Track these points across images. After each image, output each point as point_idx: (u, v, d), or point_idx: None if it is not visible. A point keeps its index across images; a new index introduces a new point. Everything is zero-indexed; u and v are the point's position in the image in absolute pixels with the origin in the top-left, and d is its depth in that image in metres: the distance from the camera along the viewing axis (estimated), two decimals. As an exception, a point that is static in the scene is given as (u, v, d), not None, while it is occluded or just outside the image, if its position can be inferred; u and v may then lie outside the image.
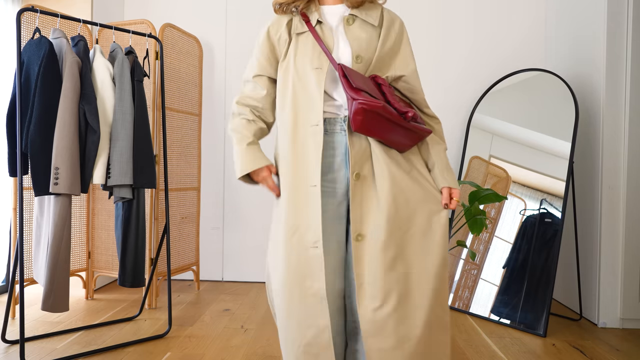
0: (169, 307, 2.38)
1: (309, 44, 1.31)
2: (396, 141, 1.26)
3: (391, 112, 1.19)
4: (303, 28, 1.33)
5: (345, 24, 1.32)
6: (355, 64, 1.29)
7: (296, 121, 1.29)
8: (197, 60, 3.26)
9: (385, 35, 1.34)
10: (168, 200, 2.40)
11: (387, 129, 1.21)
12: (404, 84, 1.36)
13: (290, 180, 1.28)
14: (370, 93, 1.21)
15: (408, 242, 1.24)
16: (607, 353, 2.22)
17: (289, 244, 1.27)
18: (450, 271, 2.98)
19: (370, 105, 1.15)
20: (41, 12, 2.05)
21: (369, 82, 1.27)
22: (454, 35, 3.38)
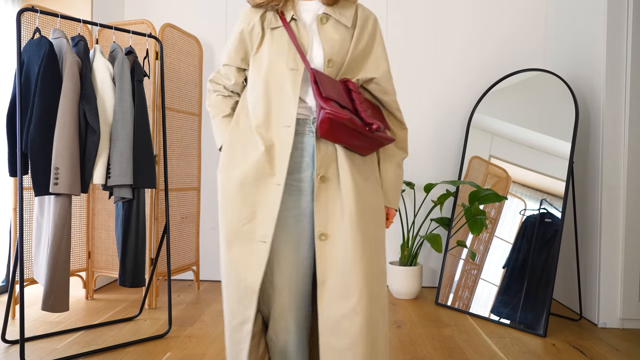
0: (169, 307, 2.38)
1: (284, 41, 1.30)
2: (359, 146, 1.30)
3: (356, 123, 1.22)
4: (277, 23, 1.32)
5: (318, 23, 1.31)
6: (327, 68, 1.29)
7: (268, 117, 1.31)
8: (197, 60, 3.26)
9: (358, 36, 1.33)
10: (168, 200, 2.40)
11: (351, 137, 1.25)
12: (376, 86, 1.37)
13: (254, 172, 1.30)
14: (339, 102, 1.23)
15: (367, 245, 1.28)
16: (607, 353, 2.22)
17: (239, 232, 1.30)
18: (450, 271, 2.98)
19: (336, 116, 1.18)
20: (41, 12, 2.05)
21: (340, 87, 1.28)
22: (454, 35, 3.38)
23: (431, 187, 3.04)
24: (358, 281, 1.24)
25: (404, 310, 2.84)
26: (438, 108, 3.41)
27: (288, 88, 1.28)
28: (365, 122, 1.25)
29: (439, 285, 2.99)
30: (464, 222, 2.95)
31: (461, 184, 2.93)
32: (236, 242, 1.31)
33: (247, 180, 1.30)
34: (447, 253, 3.01)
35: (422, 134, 3.41)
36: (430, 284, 3.39)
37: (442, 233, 3.27)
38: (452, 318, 2.70)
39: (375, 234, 1.32)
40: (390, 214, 1.43)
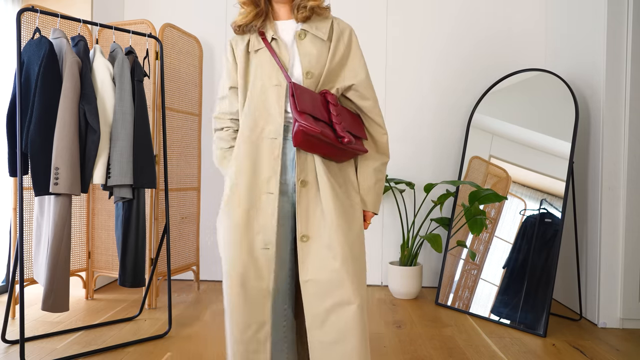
0: (169, 307, 2.38)
1: (267, 60, 1.39)
2: (335, 156, 1.38)
3: (328, 136, 1.30)
4: (260, 45, 1.40)
5: (297, 39, 1.39)
6: (306, 80, 1.37)
7: (254, 130, 1.38)
8: (197, 60, 3.26)
9: (334, 48, 1.40)
10: (168, 200, 2.40)
11: (324, 148, 1.33)
12: (354, 92, 1.42)
13: (245, 184, 1.36)
14: (313, 114, 1.30)
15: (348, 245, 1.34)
16: (607, 353, 2.22)
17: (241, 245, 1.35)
18: (450, 271, 2.98)
19: (308, 129, 1.26)
20: (41, 12, 2.05)
21: (318, 99, 1.35)
22: (454, 35, 3.38)
23: (431, 187, 3.04)
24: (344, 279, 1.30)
25: (404, 310, 2.84)
26: (438, 108, 3.41)
27: (273, 103, 1.36)
28: (338, 135, 1.32)
29: (439, 285, 2.99)
30: (464, 222, 2.95)
31: (461, 184, 2.93)
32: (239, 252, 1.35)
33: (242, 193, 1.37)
34: (447, 253, 3.01)
35: (422, 134, 3.41)
36: (430, 284, 3.39)
37: (442, 233, 3.27)
38: (452, 318, 2.70)
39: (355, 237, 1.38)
40: (367, 216, 1.48)
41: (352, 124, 1.41)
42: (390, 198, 3.38)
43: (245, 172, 1.37)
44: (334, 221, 1.32)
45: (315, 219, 1.35)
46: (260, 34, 1.41)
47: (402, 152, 3.36)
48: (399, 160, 3.35)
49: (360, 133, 1.43)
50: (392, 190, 3.23)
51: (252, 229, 1.35)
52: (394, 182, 3.18)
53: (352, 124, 1.41)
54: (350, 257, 1.33)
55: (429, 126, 3.40)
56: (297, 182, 1.35)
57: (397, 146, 3.26)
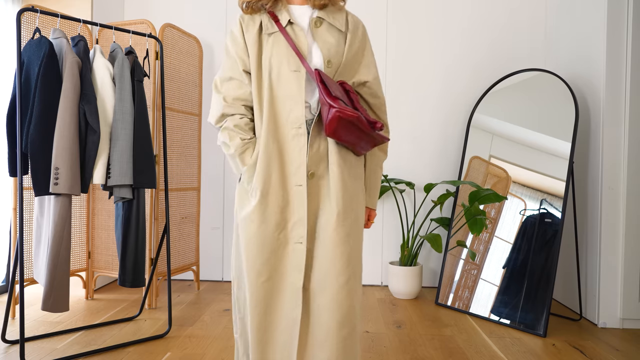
0: (169, 307, 2.38)
1: (282, 45, 1.32)
2: (359, 145, 1.33)
3: (363, 122, 1.25)
4: (273, 28, 1.33)
5: (313, 26, 1.35)
6: (327, 69, 1.32)
7: (276, 122, 1.32)
8: (197, 60, 3.26)
9: (350, 40, 1.37)
10: (168, 200, 2.40)
11: (355, 135, 1.28)
12: (367, 89, 1.41)
13: (274, 178, 1.31)
14: (344, 101, 1.26)
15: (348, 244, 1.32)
16: (607, 353, 2.22)
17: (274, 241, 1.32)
18: (450, 271, 2.98)
19: (346, 115, 1.21)
20: (41, 12, 2.05)
21: (339, 88, 1.32)
22: (454, 35, 3.38)
23: (431, 187, 3.04)
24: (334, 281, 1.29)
25: (404, 310, 2.84)
26: (438, 108, 3.41)
27: (294, 90, 1.30)
28: (369, 120, 1.29)
29: (439, 285, 2.99)
30: (464, 222, 2.95)
31: (461, 184, 2.93)
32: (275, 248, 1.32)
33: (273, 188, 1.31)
34: (447, 253, 3.01)
35: (423, 134, 3.41)
36: (430, 284, 3.39)
37: (442, 233, 3.27)
38: (452, 318, 2.70)
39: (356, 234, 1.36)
40: (372, 215, 1.47)
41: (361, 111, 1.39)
42: (390, 198, 3.38)
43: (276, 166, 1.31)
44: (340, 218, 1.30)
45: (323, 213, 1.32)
46: (272, 16, 1.34)
47: (402, 152, 3.36)
48: (399, 160, 3.35)
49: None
50: (392, 190, 3.23)
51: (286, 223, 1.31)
52: (394, 182, 3.18)
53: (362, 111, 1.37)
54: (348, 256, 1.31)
55: (429, 126, 3.40)
56: (307, 174, 1.30)
57: (397, 146, 3.26)
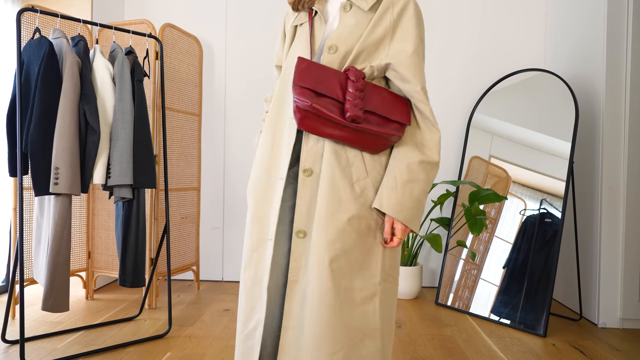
0: (169, 307, 2.38)
1: (304, 36, 1.27)
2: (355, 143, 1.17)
3: (327, 113, 1.11)
4: (304, 19, 1.29)
5: (342, 11, 1.23)
6: (328, 55, 1.19)
7: (278, 114, 1.28)
8: (197, 60, 3.26)
9: (376, 20, 1.19)
10: (168, 200, 2.40)
11: (329, 128, 1.14)
12: (393, 73, 1.20)
13: (264, 169, 1.27)
14: (315, 90, 1.12)
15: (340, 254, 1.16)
16: (607, 353, 2.22)
17: (252, 232, 1.26)
18: (450, 271, 2.98)
19: (300, 104, 1.11)
20: (41, 12, 2.05)
21: (332, 77, 1.16)
22: (454, 36, 3.38)
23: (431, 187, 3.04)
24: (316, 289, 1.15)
25: (404, 310, 2.84)
26: (438, 108, 3.40)
27: None
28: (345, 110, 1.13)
29: (439, 285, 2.99)
30: (464, 222, 2.95)
31: (461, 184, 2.93)
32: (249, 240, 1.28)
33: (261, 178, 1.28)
34: (447, 253, 3.01)
35: (422, 134, 3.40)
36: (430, 284, 3.39)
37: (442, 233, 3.27)
38: (452, 318, 2.70)
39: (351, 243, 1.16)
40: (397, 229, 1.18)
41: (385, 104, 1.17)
42: (390, 198, 3.38)
43: (265, 156, 1.27)
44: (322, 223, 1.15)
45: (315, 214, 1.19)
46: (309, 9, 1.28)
47: (402, 152, 3.36)
48: (399, 160, 3.34)
49: (397, 116, 1.17)
50: (392, 190, 3.22)
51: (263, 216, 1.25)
52: (394, 182, 3.18)
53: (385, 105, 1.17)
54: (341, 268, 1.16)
55: (429, 126, 3.40)
56: (301, 171, 1.19)
57: (397, 146, 3.26)
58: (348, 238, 1.16)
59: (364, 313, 1.18)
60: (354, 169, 1.18)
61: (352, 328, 1.17)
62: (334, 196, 1.16)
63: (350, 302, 1.17)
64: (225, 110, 3.43)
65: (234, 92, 3.43)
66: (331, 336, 1.15)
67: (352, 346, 1.17)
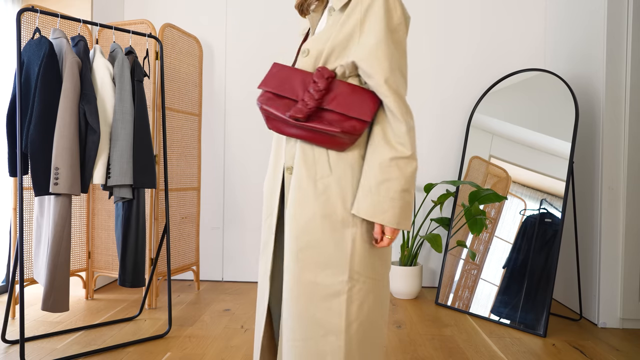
0: (169, 307, 2.38)
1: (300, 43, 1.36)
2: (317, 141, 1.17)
3: (272, 113, 1.17)
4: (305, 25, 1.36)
5: (328, 16, 1.25)
6: (302, 58, 1.21)
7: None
8: (197, 60, 3.26)
9: (346, 17, 1.16)
10: (168, 200, 2.40)
11: (287, 127, 1.18)
12: (360, 70, 1.15)
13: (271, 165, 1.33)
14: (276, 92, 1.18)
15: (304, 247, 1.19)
16: (607, 353, 2.22)
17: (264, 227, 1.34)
18: (450, 271, 2.98)
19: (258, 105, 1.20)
20: (41, 12, 2.05)
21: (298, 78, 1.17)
22: (454, 36, 3.38)
23: (431, 187, 3.04)
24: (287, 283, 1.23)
25: (404, 310, 2.84)
26: (438, 108, 3.41)
27: None
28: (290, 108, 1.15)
29: (439, 285, 2.99)
30: (464, 222, 2.95)
31: (461, 184, 2.93)
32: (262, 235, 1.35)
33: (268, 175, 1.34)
34: (447, 253, 3.01)
35: (422, 134, 3.40)
36: (430, 284, 3.39)
37: (442, 233, 3.27)
38: (452, 318, 2.70)
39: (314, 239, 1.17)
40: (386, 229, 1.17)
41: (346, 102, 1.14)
42: (390, 198, 3.38)
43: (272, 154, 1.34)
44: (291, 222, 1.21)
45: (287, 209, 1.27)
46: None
47: (402, 152, 3.36)
48: (399, 160, 3.34)
49: (355, 113, 1.13)
50: (392, 190, 3.22)
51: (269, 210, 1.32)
52: (394, 182, 3.18)
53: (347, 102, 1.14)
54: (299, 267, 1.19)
55: (429, 126, 3.40)
56: (285, 169, 1.26)
57: (397, 146, 3.26)
58: (313, 234, 1.17)
59: (329, 309, 1.17)
60: (318, 167, 1.18)
61: (317, 321, 1.18)
62: (300, 192, 1.19)
63: (315, 296, 1.18)
64: (225, 110, 3.43)
65: (234, 92, 3.43)
66: (295, 325, 1.20)
67: (315, 339, 1.18)
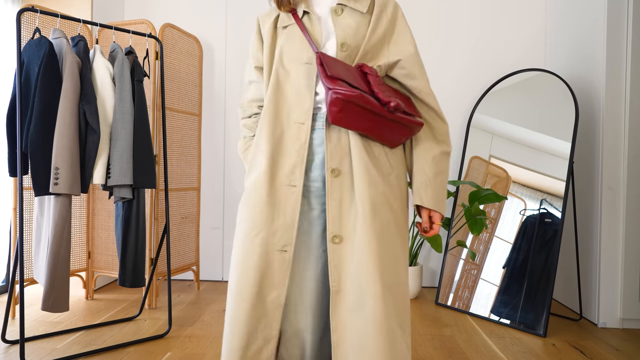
0: (169, 307, 2.38)
1: (297, 37, 1.24)
2: (383, 135, 1.18)
3: (370, 102, 1.10)
4: (290, 21, 1.27)
5: (333, 15, 1.24)
6: (341, 52, 1.20)
7: (277, 116, 1.22)
8: (197, 60, 3.26)
9: (375, 21, 1.23)
10: (168, 200, 2.40)
11: (367, 120, 1.13)
12: (400, 70, 1.24)
13: (265, 176, 1.20)
14: (348, 82, 1.11)
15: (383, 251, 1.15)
16: (607, 353, 2.22)
17: (251, 244, 1.18)
18: (450, 271, 2.98)
19: (345, 95, 1.07)
20: (41, 12, 2.05)
21: (353, 70, 1.18)
22: (454, 36, 3.38)
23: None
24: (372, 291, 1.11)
25: (404, 310, 2.84)
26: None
27: (302, 83, 1.21)
28: (382, 100, 1.12)
29: (439, 285, 2.99)
30: (464, 222, 2.95)
31: (461, 184, 2.93)
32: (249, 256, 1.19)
33: (258, 185, 1.21)
34: (447, 253, 3.01)
35: (422, 134, 3.40)
36: (430, 284, 3.39)
37: (442, 233, 3.27)
38: (452, 318, 2.70)
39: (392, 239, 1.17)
40: (435, 217, 1.24)
41: (399, 98, 1.21)
42: (390, 198, 3.38)
43: (266, 162, 1.20)
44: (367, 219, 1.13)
45: (349, 216, 1.16)
46: (292, 11, 1.28)
47: (402, 152, 3.36)
48: (399, 160, 3.34)
49: (411, 110, 1.22)
50: (392, 190, 3.22)
51: (269, 228, 1.18)
52: (394, 182, 3.18)
53: (400, 99, 1.21)
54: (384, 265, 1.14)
55: (429, 126, 3.40)
56: (327, 171, 1.16)
57: (397, 146, 3.26)
58: (390, 234, 1.18)
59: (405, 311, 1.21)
60: (381, 164, 1.20)
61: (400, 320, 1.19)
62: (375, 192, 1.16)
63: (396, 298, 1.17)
64: (225, 110, 3.43)
65: (234, 92, 3.43)
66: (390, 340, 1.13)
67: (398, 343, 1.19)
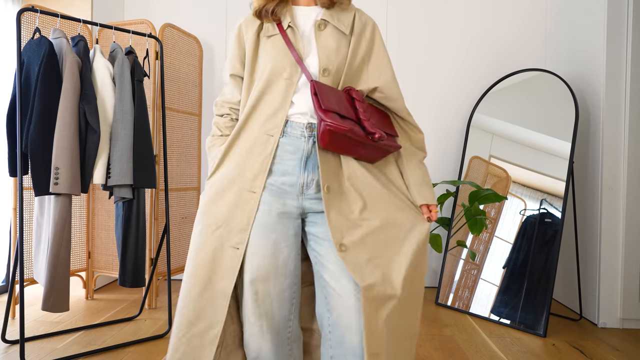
0: (169, 307, 2.37)
1: (280, 49, 1.28)
2: (364, 156, 1.29)
3: (357, 133, 1.21)
4: (274, 31, 1.30)
5: (316, 29, 1.29)
6: (322, 77, 1.27)
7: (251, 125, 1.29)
8: (197, 60, 3.26)
9: (355, 44, 1.30)
10: (168, 200, 2.40)
11: (354, 147, 1.25)
12: (380, 94, 1.34)
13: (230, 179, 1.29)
14: (339, 112, 1.21)
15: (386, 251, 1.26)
16: (607, 353, 2.22)
17: (208, 237, 1.27)
18: (450, 271, 2.98)
19: (336, 128, 1.18)
20: (41, 12, 2.05)
21: (342, 96, 1.26)
22: (454, 35, 3.38)
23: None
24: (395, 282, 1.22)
25: (404, 310, 2.84)
26: (438, 108, 3.41)
27: (279, 99, 1.27)
28: (368, 131, 1.23)
29: (439, 285, 2.99)
30: (464, 222, 2.95)
31: (461, 184, 2.93)
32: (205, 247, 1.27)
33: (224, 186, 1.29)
34: (447, 253, 3.01)
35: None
36: (430, 284, 3.39)
37: (442, 233, 3.27)
38: (452, 318, 2.70)
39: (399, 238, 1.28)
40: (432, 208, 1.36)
41: (380, 120, 1.32)
42: (390, 198, 3.38)
43: (232, 166, 1.29)
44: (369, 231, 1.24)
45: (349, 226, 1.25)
46: (276, 20, 1.31)
47: (402, 152, 3.36)
48: (399, 160, 3.34)
49: (390, 130, 1.34)
50: (392, 190, 3.22)
51: (226, 226, 1.26)
52: (394, 182, 3.17)
53: (381, 121, 1.33)
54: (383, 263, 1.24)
55: (429, 126, 3.40)
56: (324, 188, 1.24)
57: (397, 146, 3.26)
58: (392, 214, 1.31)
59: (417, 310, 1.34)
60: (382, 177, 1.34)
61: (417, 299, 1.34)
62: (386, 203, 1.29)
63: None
64: (225, 110, 3.43)
65: (234, 92, 3.43)
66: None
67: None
